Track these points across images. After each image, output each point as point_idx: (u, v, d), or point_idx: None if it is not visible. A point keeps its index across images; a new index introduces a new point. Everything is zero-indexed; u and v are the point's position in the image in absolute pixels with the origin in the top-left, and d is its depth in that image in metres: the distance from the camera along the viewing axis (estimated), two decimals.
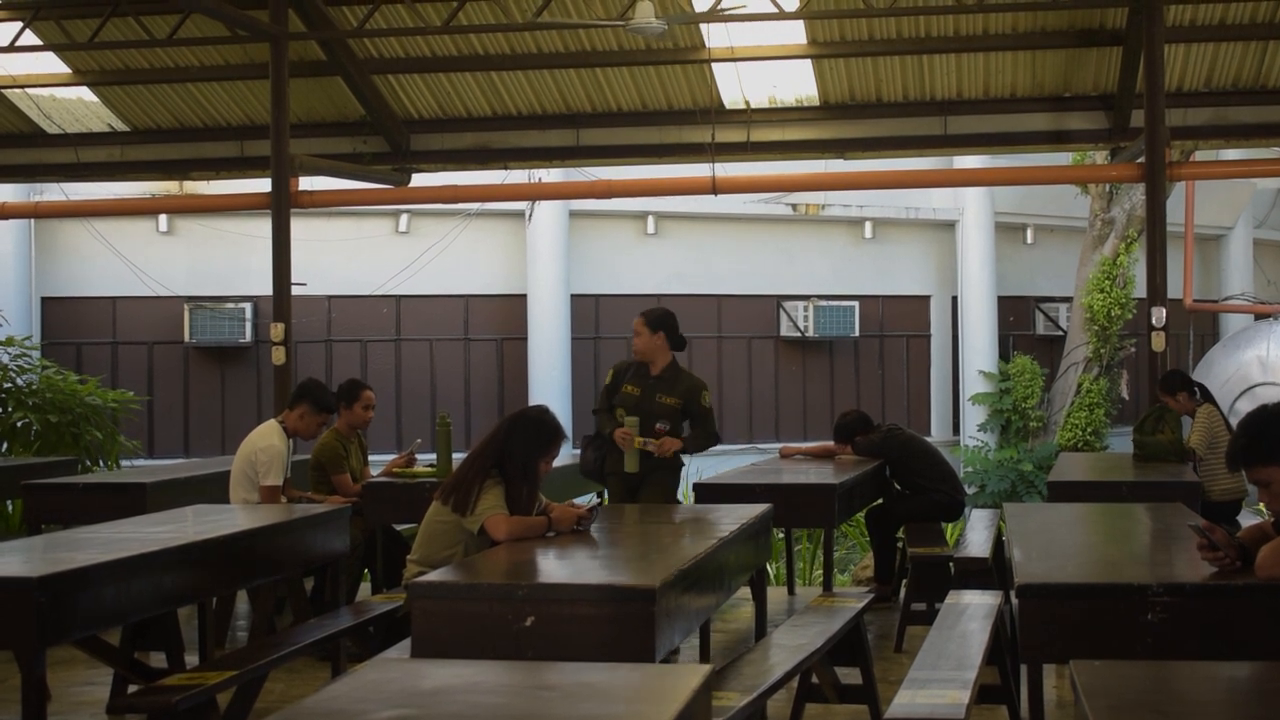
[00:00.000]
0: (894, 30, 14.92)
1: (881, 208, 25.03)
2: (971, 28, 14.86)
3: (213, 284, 22.97)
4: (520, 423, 7.15)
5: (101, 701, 8.10)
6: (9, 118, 17.34)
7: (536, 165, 18.15)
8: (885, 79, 15.61)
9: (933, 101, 15.80)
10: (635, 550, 6.83)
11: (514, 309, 23.79)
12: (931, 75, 15.51)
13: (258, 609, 9.08)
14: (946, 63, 15.34)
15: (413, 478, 10.07)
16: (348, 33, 15.08)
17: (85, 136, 17.50)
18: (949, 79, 15.53)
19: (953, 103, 15.78)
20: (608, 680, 3.97)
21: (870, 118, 15.99)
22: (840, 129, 16.12)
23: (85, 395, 16.17)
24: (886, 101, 15.88)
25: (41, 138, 17.59)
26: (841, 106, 15.99)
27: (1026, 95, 15.67)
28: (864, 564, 13.07)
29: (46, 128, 17.46)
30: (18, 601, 5.74)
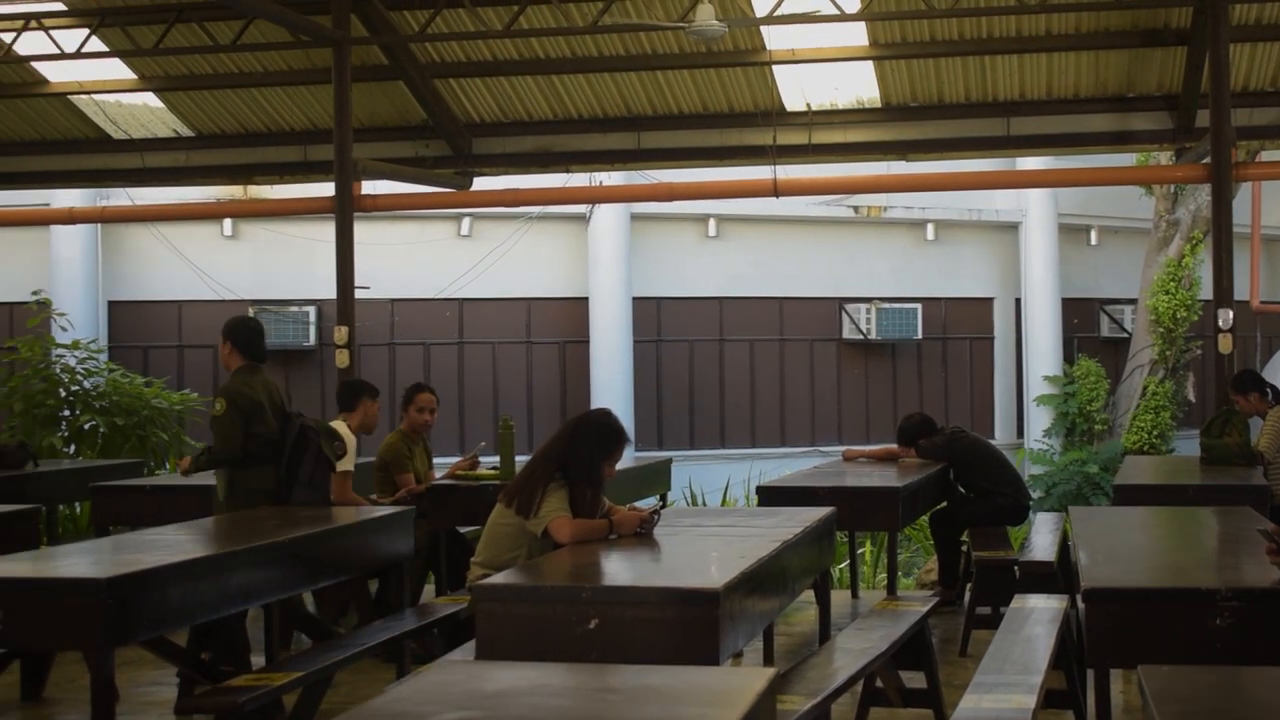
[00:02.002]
0: (956, 31, 14.85)
1: (944, 209, 24.91)
2: (1034, 28, 14.77)
3: (277, 287, 23.11)
4: (584, 426, 7.15)
5: (169, 702, 8.16)
6: (76, 124, 17.50)
7: (597, 168, 18.17)
8: (947, 80, 15.54)
9: (995, 102, 15.72)
10: (699, 553, 6.82)
11: (576, 312, 23.81)
12: (994, 76, 15.42)
13: (323, 610, 9.13)
14: (1009, 63, 15.25)
15: (476, 480, 10.10)
16: (410, 37, 15.14)
17: (151, 142, 17.65)
18: (1011, 80, 15.44)
19: (1015, 104, 15.69)
20: (672, 683, 3.97)
21: (932, 119, 15.92)
22: (902, 130, 16.06)
23: (151, 398, 16.31)
24: (949, 103, 15.81)
25: (108, 143, 17.75)
26: (903, 108, 15.93)
27: (1090, 96, 15.57)
28: (928, 568, 13.01)
29: (113, 133, 17.62)
30: (86, 602, 5.79)
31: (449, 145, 16.71)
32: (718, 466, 21.86)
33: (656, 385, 24.22)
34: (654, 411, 24.10)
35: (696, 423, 24.41)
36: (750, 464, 20.31)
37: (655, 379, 24.18)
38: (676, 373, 24.33)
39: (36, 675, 8.51)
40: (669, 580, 6.03)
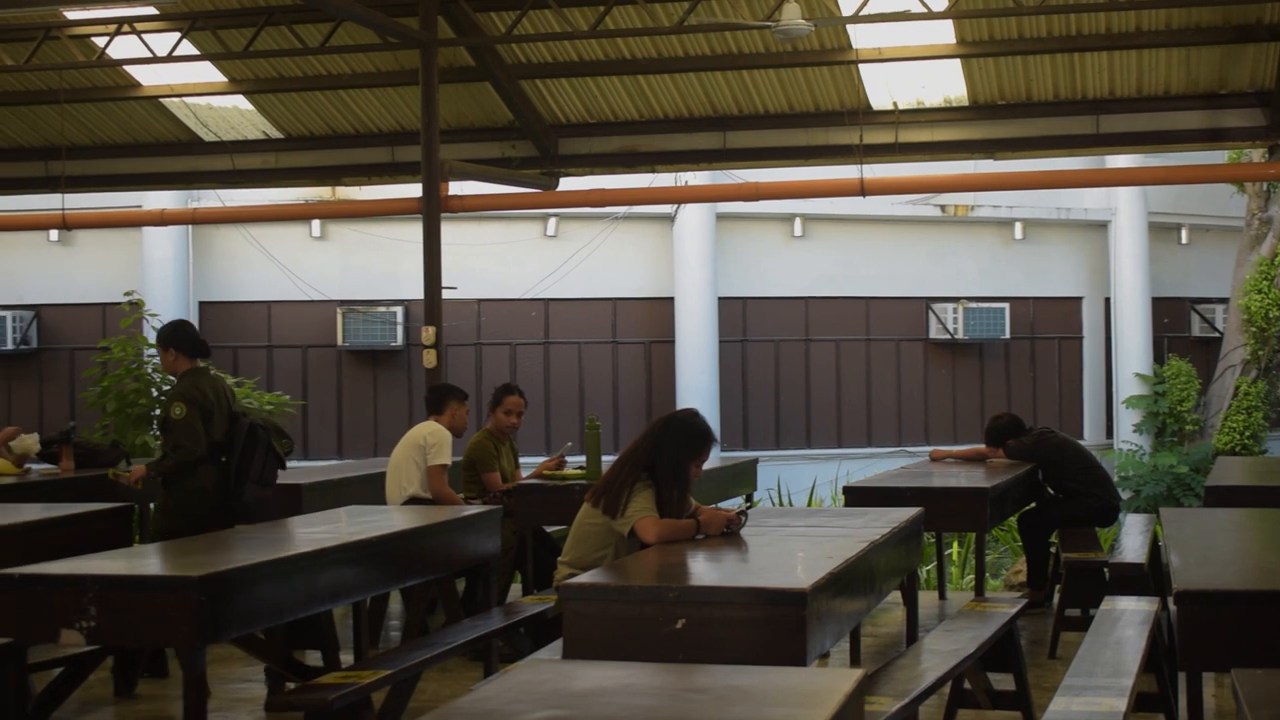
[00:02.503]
0: (1044, 28, 14.73)
1: (1032, 208, 24.71)
2: (1124, 24, 14.63)
3: (364, 288, 23.26)
4: (671, 426, 7.15)
5: (259, 699, 8.24)
6: (168, 126, 17.70)
7: (683, 168, 18.16)
8: (1035, 78, 15.42)
9: (1084, 100, 15.58)
10: (786, 553, 6.80)
11: (661, 312, 23.82)
12: (1083, 73, 15.29)
13: (411, 609, 9.18)
14: (1098, 60, 15.12)
15: (563, 480, 10.13)
16: (496, 38, 15.20)
17: (241, 144, 17.82)
18: (1101, 77, 15.31)
19: (1105, 101, 15.54)
20: (759, 683, 3.96)
21: (1020, 117, 15.81)
22: (990, 129, 15.96)
23: (242, 398, 16.44)
24: (1037, 101, 15.69)
25: (199, 145, 17.94)
26: (991, 106, 15.83)
27: (1181, 93, 15.40)
28: (1016, 569, 12.92)
29: (204, 135, 17.80)
30: (179, 600, 5.85)
31: (535, 146, 16.77)
32: (803, 467, 21.82)
33: (742, 385, 24.19)
34: (739, 411, 24.07)
35: (782, 423, 24.36)
36: (836, 464, 20.27)
37: (741, 379, 24.15)
38: (762, 373, 24.29)
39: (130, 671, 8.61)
40: (756, 580, 6.02)
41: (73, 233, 22.60)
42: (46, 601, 5.91)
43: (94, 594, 5.85)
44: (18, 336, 23.05)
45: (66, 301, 23.57)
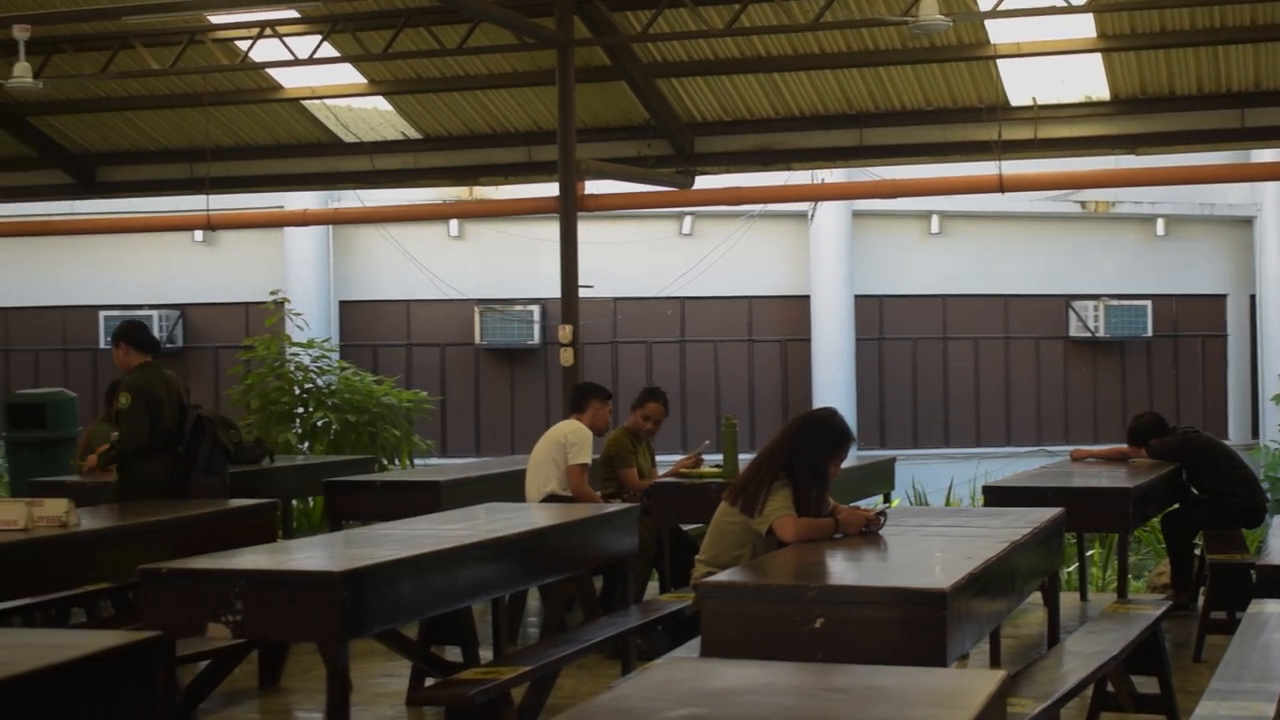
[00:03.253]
0: (1187, 21, 14.48)
1: (1174, 204, 24.32)
2: (1269, 16, 14.33)
3: (501, 287, 23.43)
4: (809, 424, 7.13)
5: (400, 693, 8.33)
6: (309, 127, 17.95)
7: (819, 166, 18.10)
8: (1178, 71, 15.17)
9: (1229, 94, 15.30)
10: (925, 553, 6.76)
11: (797, 310, 23.76)
12: (1227, 66, 15.01)
13: (549, 606, 9.24)
14: (1243, 53, 14.83)
15: (699, 478, 10.13)
16: (632, 37, 15.24)
17: (380, 145, 18.02)
18: (1246, 70, 15.02)
19: (1250, 94, 15.25)
20: (900, 684, 3.94)
21: (1162, 112, 15.56)
22: (1131, 124, 15.72)
23: (381, 396, 16.65)
24: (1180, 95, 15.43)
25: (339, 146, 18.17)
26: (1132, 100, 15.59)
27: None
28: (1159, 570, 12.72)
29: (344, 137, 18.03)
30: (322, 596, 5.92)
31: (671, 144, 16.79)
32: (941, 466, 21.66)
33: (879, 384, 24.05)
34: (876, 410, 23.94)
35: (920, 422, 24.19)
36: (975, 464, 20.08)
37: (878, 378, 24.01)
38: (899, 371, 24.14)
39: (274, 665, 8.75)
40: (895, 580, 5.99)
41: (217, 233, 23.00)
42: (194, 596, 6.01)
43: (240, 589, 5.94)
44: (164, 335, 23.49)
45: (211, 301, 24.00)
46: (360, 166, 18.20)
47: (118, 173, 19.09)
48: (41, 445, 14.24)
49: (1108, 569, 14.59)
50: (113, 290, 24.06)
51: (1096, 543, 14.91)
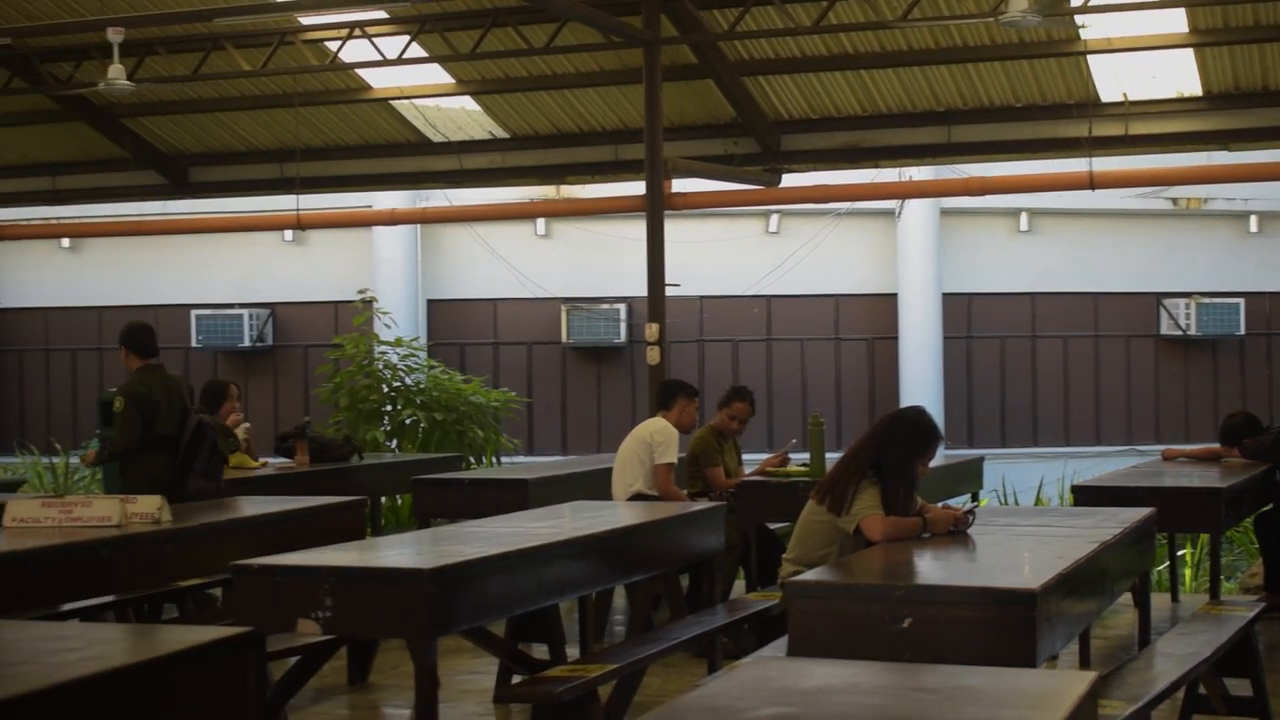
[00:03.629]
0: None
1: (1268, 200, 23.96)
2: None
3: (588, 285, 23.47)
4: (897, 423, 7.11)
5: (487, 690, 8.37)
6: (397, 127, 18.06)
7: (907, 163, 18.01)
8: (1273, 66, 14.96)
9: None
10: (1014, 553, 6.72)
11: (884, 308, 23.65)
12: None
13: (635, 604, 9.24)
14: None
15: (786, 477, 10.11)
16: (719, 36, 15.22)
17: (467, 144, 18.11)
18: None
19: None
20: (989, 684, 3.92)
21: (1256, 107, 15.36)
22: (1224, 120, 15.54)
23: (469, 394, 16.72)
24: (1274, 89, 15.22)
25: (427, 146, 18.27)
26: (1225, 96, 15.40)
27: None
28: (1252, 571, 12.57)
29: (432, 136, 18.13)
30: (411, 592, 5.96)
31: (758, 142, 16.76)
32: (1030, 465, 21.47)
33: (967, 382, 23.89)
34: (964, 409, 23.78)
35: (1008, 421, 24.01)
36: (1064, 463, 19.90)
37: (966, 376, 23.86)
38: (987, 370, 23.97)
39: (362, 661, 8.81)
40: (984, 580, 5.95)
41: (306, 233, 23.19)
42: (284, 592, 6.06)
43: (330, 585, 5.98)
44: (254, 334, 23.72)
45: (300, 300, 24.20)
46: (448, 166, 18.30)
47: (209, 173, 19.30)
48: None
49: (1199, 570, 14.44)
50: (204, 289, 24.31)
51: (1188, 543, 14.76)
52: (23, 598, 6.82)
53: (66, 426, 24.02)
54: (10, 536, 7.26)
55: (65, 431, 23.49)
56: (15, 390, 25.23)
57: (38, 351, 25.29)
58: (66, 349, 25.08)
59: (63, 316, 25.14)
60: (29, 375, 25.20)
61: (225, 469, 9.86)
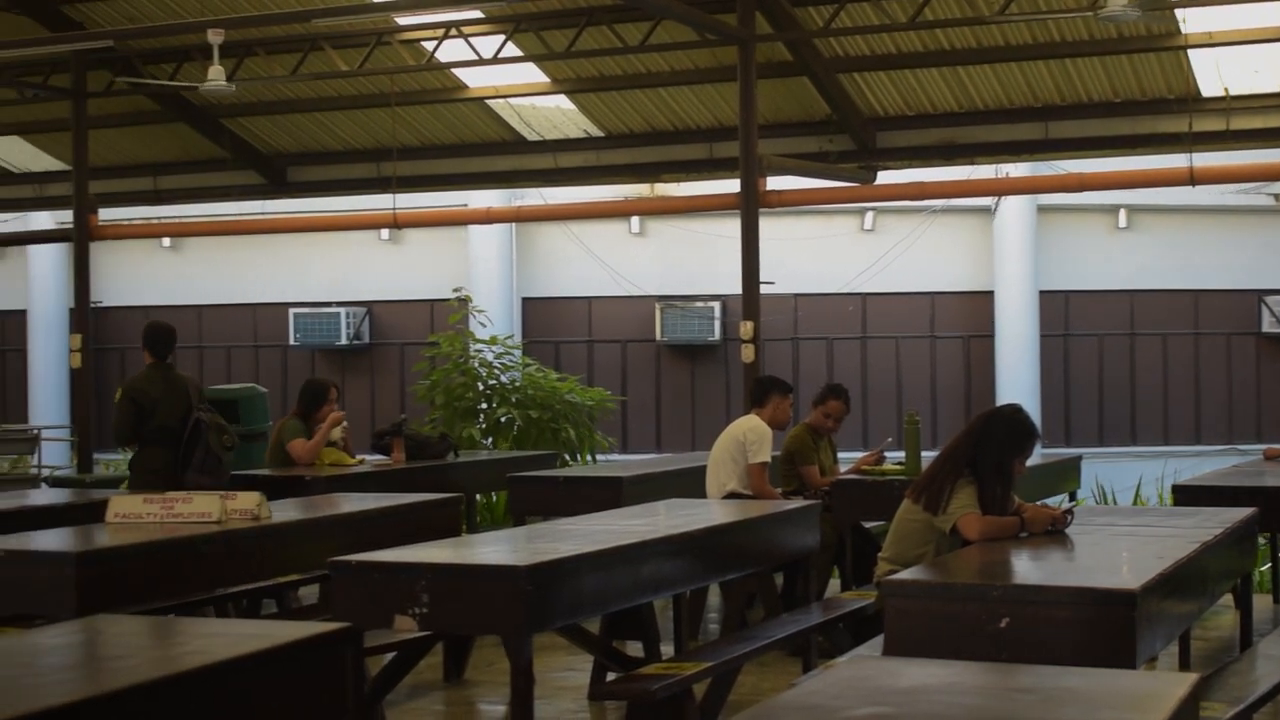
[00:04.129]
0: None
1: None
2: None
3: (682, 283, 23.48)
4: (994, 422, 7.06)
5: (581, 688, 8.38)
6: (493, 126, 18.14)
7: (1003, 160, 17.87)
8: None
9: None
10: (1113, 553, 6.65)
11: (980, 306, 23.48)
12: None
13: (730, 602, 9.24)
14: None
15: (882, 475, 10.07)
16: (814, 33, 15.17)
17: (562, 143, 18.16)
18: None
19: None
20: (1088, 685, 3.88)
21: None
22: None
23: (564, 393, 16.76)
24: None
25: (522, 145, 18.34)
26: None
27: None
28: None
29: (527, 135, 18.19)
30: (507, 589, 5.98)
31: (853, 139, 16.69)
32: (1128, 464, 21.24)
33: (1064, 381, 23.68)
34: (1062, 407, 23.57)
35: (1106, 419, 23.77)
36: (1163, 462, 19.67)
37: (1063, 374, 23.65)
38: (1085, 368, 23.74)
39: (458, 658, 8.86)
40: (1083, 580, 5.90)
41: (402, 231, 23.37)
42: (382, 588, 6.11)
43: (426, 582, 6.02)
44: (351, 332, 23.92)
45: (397, 298, 24.38)
46: (543, 164, 18.36)
47: (307, 173, 19.48)
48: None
49: None
50: (302, 288, 24.55)
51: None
52: (125, 593, 6.91)
53: None
54: (113, 532, 7.37)
55: None
56: (117, 388, 25.56)
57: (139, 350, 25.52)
58: None
59: (163, 315, 25.26)
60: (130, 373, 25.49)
61: (225, 464, 10.31)
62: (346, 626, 4.75)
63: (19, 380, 25.83)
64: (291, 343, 24.21)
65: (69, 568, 6.58)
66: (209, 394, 14.12)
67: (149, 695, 3.89)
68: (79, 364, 17.37)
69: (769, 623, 8.05)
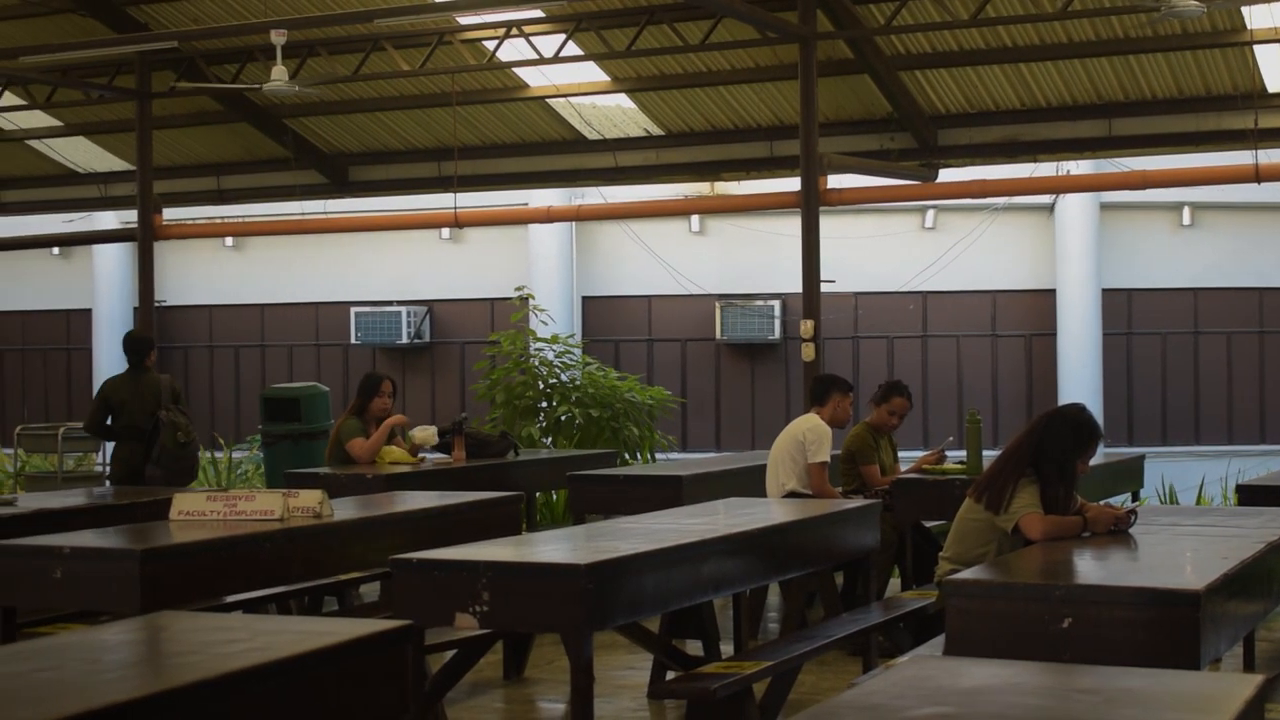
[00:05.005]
0: None
1: None
2: None
3: (742, 282, 23.45)
4: (1056, 420, 7.02)
5: (641, 686, 8.39)
6: (553, 125, 18.18)
7: (1066, 157, 17.76)
8: None
9: None
10: (1177, 553, 6.60)
11: (1042, 304, 23.34)
12: None
13: (790, 601, 9.22)
14: None
15: (943, 475, 10.02)
16: (875, 30, 15.13)
17: (622, 141, 18.18)
18: None
19: None
20: (1151, 686, 3.86)
21: None
22: None
23: (624, 391, 16.77)
24: None
25: (582, 144, 18.37)
26: None
27: None
28: None
29: (587, 134, 18.22)
30: (567, 587, 5.98)
31: (914, 137, 16.64)
32: (1192, 464, 21.08)
33: (1127, 379, 23.51)
34: (1124, 406, 23.40)
35: (1169, 418, 23.58)
36: (1227, 461, 19.51)
37: (1126, 373, 23.47)
38: (1148, 367, 23.56)
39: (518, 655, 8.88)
40: (1146, 580, 5.86)
41: (463, 230, 23.44)
42: (442, 586, 6.12)
43: (487, 580, 6.03)
44: (412, 331, 24.01)
45: (457, 297, 24.45)
46: (603, 163, 18.39)
47: (368, 172, 19.58)
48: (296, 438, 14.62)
49: None
50: (363, 287, 24.67)
51: None
52: (189, 589, 6.96)
53: (230, 422, 24.52)
54: (177, 529, 7.43)
55: (228, 427, 23.97)
56: (180, 386, 25.76)
57: (202, 348, 25.84)
58: (230, 346, 25.59)
59: (226, 314, 25.67)
60: (193, 371, 25.75)
61: (181, 457, 11.65)
62: (407, 624, 4.77)
63: (84, 379, 26.06)
64: (353, 341, 24.33)
65: (133, 565, 6.63)
66: (270, 392, 14.43)
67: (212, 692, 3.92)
68: None
69: (829, 622, 8.03)
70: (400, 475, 10.67)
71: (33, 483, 16.61)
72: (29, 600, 7.12)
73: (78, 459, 17.91)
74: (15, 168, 21.32)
